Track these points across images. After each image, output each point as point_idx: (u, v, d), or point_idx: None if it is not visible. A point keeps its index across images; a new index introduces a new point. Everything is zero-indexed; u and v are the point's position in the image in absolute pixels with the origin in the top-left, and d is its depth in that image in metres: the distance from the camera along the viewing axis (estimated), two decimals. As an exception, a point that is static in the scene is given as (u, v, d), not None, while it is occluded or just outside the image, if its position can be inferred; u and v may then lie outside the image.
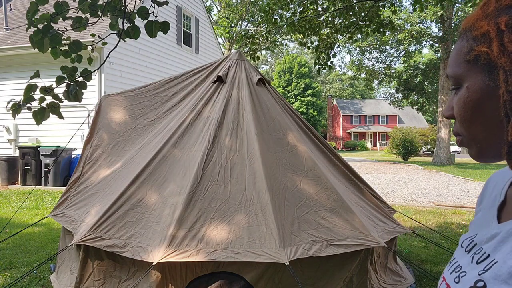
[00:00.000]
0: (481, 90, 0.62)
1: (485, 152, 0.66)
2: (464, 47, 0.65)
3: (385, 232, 3.13)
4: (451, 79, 0.68)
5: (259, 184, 2.87)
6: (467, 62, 0.64)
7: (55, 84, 2.60)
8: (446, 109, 0.72)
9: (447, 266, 0.77)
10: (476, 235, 0.73)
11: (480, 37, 0.62)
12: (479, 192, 1.04)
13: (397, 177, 14.52)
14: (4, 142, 11.22)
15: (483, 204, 0.81)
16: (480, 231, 0.73)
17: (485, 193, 0.85)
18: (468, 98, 0.64)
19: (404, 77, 25.58)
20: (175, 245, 2.52)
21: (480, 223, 0.76)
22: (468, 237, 0.75)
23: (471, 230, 0.78)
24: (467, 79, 0.65)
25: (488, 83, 0.61)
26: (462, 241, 0.77)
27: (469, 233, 0.77)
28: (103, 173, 3.47)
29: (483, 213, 0.77)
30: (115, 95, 3.94)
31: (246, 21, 28.23)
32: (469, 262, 0.69)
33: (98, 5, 2.65)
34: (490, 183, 0.85)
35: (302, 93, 46.08)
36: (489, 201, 0.78)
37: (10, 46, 10.62)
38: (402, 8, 22.53)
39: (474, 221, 0.80)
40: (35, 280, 3.68)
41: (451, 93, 0.72)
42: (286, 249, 2.53)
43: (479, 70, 0.63)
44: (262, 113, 3.44)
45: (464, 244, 0.75)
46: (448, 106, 0.72)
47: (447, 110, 0.71)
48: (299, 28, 6.64)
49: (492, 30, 0.60)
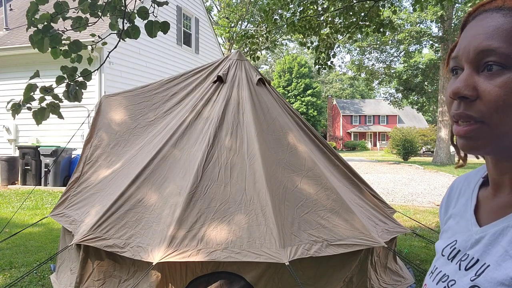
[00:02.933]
0: None
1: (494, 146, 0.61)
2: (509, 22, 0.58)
3: (385, 232, 3.13)
4: (499, 55, 0.58)
5: (259, 184, 2.86)
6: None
7: (55, 84, 2.60)
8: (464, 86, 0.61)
9: (428, 276, 0.75)
10: (456, 242, 0.71)
11: None
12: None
13: (397, 177, 14.52)
14: (4, 142, 11.22)
15: (453, 211, 0.79)
16: (459, 238, 0.71)
17: (450, 200, 0.83)
18: None
19: (404, 77, 25.58)
20: (175, 245, 2.52)
21: (456, 229, 0.74)
22: (447, 245, 0.73)
23: (446, 238, 0.75)
24: None
25: None
26: (442, 250, 0.74)
27: (445, 241, 0.75)
28: (103, 173, 3.47)
29: (457, 220, 0.75)
30: (115, 95, 3.94)
31: (246, 21, 28.23)
32: (456, 270, 0.67)
33: (98, 5, 2.65)
34: (454, 189, 0.83)
35: (302, 93, 46.08)
36: (459, 207, 0.76)
37: (10, 46, 10.62)
38: (402, 8, 22.54)
39: (447, 229, 0.78)
40: (35, 280, 3.68)
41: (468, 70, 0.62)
42: (286, 249, 2.53)
43: None
44: (262, 113, 3.44)
45: (445, 252, 0.72)
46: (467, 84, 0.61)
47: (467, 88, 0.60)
48: (299, 28, 6.64)
49: None
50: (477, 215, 0.70)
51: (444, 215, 0.83)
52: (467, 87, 0.60)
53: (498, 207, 0.65)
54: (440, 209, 0.87)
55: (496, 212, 0.65)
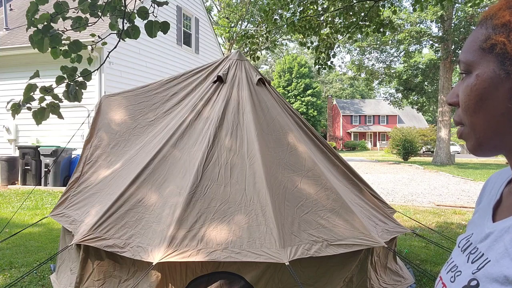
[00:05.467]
0: (490, 79, 0.62)
1: (483, 145, 0.65)
2: (482, 34, 0.64)
3: (385, 232, 3.13)
4: (462, 65, 0.67)
5: (259, 184, 2.86)
6: (481, 50, 0.64)
7: (55, 84, 2.60)
8: (450, 95, 0.70)
9: (444, 266, 0.78)
10: (472, 235, 0.73)
11: (500, 27, 0.61)
12: (479, 192, 1.05)
13: (397, 177, 14.51)
14: (4, 142, 11.22)
15: (480, 206, 0.81)
16: (475, 231, 0.73)
17: (483, 193, 0.85)
18: (475, 86, 0.63)
19: (404, 77, 25.57)
20: (175, 245, 2.52)
21: (476, 222, 0.76)
22: (465, 237, 0.76)
23: (468, 229, 0.78)
24: (478, 67, 0.64)
25: (498, 73, 0.61)
26: (459, 241, 0.77)
27: (466, 233, 0.78)
28: (103, 173, 3.47)
29: (480, 213, 0.78)
30: (115, 95, 3.94)
31: (246, 21, 28.22)
32: (464, 262, 0.69)
33: (98, 5, 2.65)
34: (489, 183, 0.85)
35: (302, 93, 46.07)
36: (487, 201, 0.78)
37: (10, 46, 10.62)
38: (402, 8, 22.53)
39: (472, 221, 0.81)
40: (35, 280, 3.68)
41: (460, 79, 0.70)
42: (286, 249, 2.53)
43: (492, 59, 0.62)
44: (262, 113, 3.44)
45: (461, 244, 0.75)
46: (453, 93, 0.70)
47: (452, 96, 0.69)
48: (299, 28, 6.64)
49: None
50: (496, 211, 0.72)
51: (476, 208, 0.86)
52: (451, 96, 0.70)
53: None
54: (476, 202, 0.90)
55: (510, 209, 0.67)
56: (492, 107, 0.62)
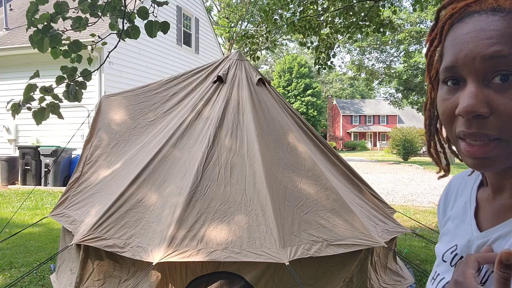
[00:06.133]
0: None
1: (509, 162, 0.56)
2: None
3: (385, 232, 3.13)
4: (510, 63, 0.51)
5: (259, 184, 2.86)
6: None
7: (55, 84, 2.60)
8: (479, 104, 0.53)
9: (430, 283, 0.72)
10: (457, 247, 0.68)
11: None
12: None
13: (397, 177, 14.51)
14: (4, 142, 11.22)
15: (451, 213, 0.76)
16: (459, 242, 0.68)
17: (447, 201, 0.80)
18: None
19: (404, 77, 25.57)
20: (175, 245, 2.52)
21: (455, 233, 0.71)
22: (448, 250, 0.70)
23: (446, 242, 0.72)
24: None
25: None
26: (442, 255, 0.71)
27: (445, 245, 0.72)
28: (103, 173, 3.47)
29: (456, 223, 0.72)
30: (115, 95, 3.94)
31: (246, 21, 28.22)
32: None
33: (98, 5, 2.65)
34: (451, 190, 0.79)
35: (302, 93, 46.06)
36: (458, 209, 0.73)
37: (10, 46, 10.61)
38: (402, 8, 22.53)
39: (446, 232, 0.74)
40: (35, 280, 3.68)
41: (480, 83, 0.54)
42: (286, 249, 2.53)
43: None
44: (262, 113, 3.44)
45: (446, 258, 0.69)
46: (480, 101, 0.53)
47: (481, 105, 0.53)
48: (299, 28, 6.64)
49: None
50: (477, 218, 0.67)
51: (443, 217, 0.80)
52: (481, 104, 0.53)
53: (499, 210, 0.63)
54: (438, 210, 0.84)
55: (497, 216, 0.63)
56: None
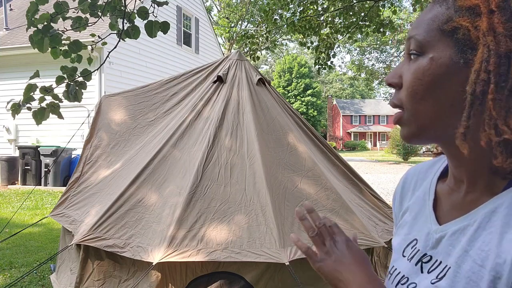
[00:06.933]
0: (446, 66, 0.55)
1: (423, 134, 0.59)
2: (442, 14, 0.57)
3: (385, 232, 3.13)
4: (414, 42, 0.59)
5: (259, 184, 2.86)
6: (440, 31, 0.56)
7: (55, 84, 2.60)
8: (392, 75, 0.62)
9: (387, 277, 0.71)
10: (417, 242, 0.67)
11: (465, 10, 0.54)
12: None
13: (397, 177, 14.52)
14: (4, 142, 11.22)
15: (409, 204, 0.74)
16: (419, 236, 0.67)
17: (404, 192, 0.78)
18: (428, 70, 0.56)
19: (404, 77, 25.58)
20: (175, 245, 2.52)
21: (414, 227, 0.70)
22: (408, 245, 0.69)
23: (403, 234, 0.71)
24: (433, 49, 0.57)
25: (456, 61, 0.54)
26: (403, 250, 0.70)
27: (403, 238, 0.71)
28: (103, 173, 3.47)
29: (413, 215, 0.71)
30: (115, 95, 3.94)
31: (246, 21, 28.23)
32: (417, 272, 0.64)
33: (98, 5, 2.65)
34: (408, 181, 0.78)
35: (302, 93, 46.07)
36: (416, 201, 0.72)
37: (10, 46, 10.62)
38: (402, 8, 22.54)
39: (403, 224, 0.73)
40: (35, 280, 3.68)
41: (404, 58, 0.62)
42: (286, 249, 2.53)
43: (451, 44, 0.55)
44: (262, 113, 3.44)
45: (406, 253, 0.68)
46: (395, 73, 0.62)
47: (394, 76, 0.61)
48: (299, 28, 6.65)
49: (484, 6, 0.53)
50: (436, 211, 0.66)
51: (399, 209, 0.78)
52: (394, 76, 0.62)
53: (458, 203, 0.62)
54: (393, 202, 0.82)
55: (455, 209, 0.62)
56: (443, 96, 0.56)
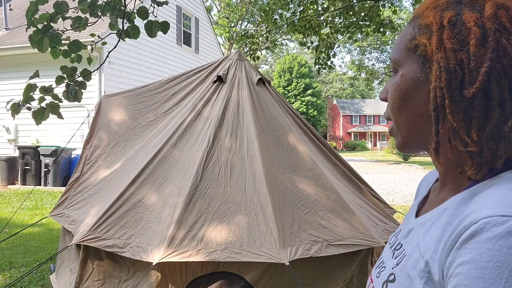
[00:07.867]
0: (412, 81, 0.62)
1: (407, 143, 0.66)
2: (409, 33, 0.63)
3: (385, 232, 3.13)
4: (391, 63, 0.67)
5: (259, 185, 2.86)
6: (407, 49, 0.63)
7: (54, 84, 2.60)
8: (383, 91, 0.71)
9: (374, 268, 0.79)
10: (400, 231, 0.75)
11: (424, 27, 0.60)
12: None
13: (397, 177, 14.51)
14: (4, 142, 11.21)
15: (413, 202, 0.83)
16: (403, 227, 0.75)
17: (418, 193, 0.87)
18: (400, 85, 0.63)
19: (404, 77, 25.57)
20: (175, 245, 2.52)
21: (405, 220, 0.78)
22: (394, 234, 0.77)
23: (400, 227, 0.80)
24: (403, 66, 0.64)
25: (419, 75, 0.60)
26: (390, 238, 0.78)
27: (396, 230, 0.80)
28: (102, 173, 3.46)
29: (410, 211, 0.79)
30: (115, 95, 3.94)
31: (246, 21, 28.22)
32: (390, 257, 0.71)
33: (98, 5, 2.65)
34: (423, 183, 0.86)
35: (302, 93, 46.05)
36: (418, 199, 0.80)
37: (10, 46, 10.61)
38: (402, 8, 22.53)
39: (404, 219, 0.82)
40: (35, 280, 3.68)
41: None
42: (286, 249, 2.53)
43: (416, 60, 0.61)
44: (262, 113, 3.43)
45: (392, 241, 0.76)
46: (384, 89, 0.71)
47: (383, 92, 0.71)
48: (299, 28, 6.64)
49: (436, 23, 0.58)
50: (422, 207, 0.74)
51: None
52: (383, 92, 0.71)
53: (435, 201, 0.68)
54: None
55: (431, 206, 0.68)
56: (413, 108, 0.62)
